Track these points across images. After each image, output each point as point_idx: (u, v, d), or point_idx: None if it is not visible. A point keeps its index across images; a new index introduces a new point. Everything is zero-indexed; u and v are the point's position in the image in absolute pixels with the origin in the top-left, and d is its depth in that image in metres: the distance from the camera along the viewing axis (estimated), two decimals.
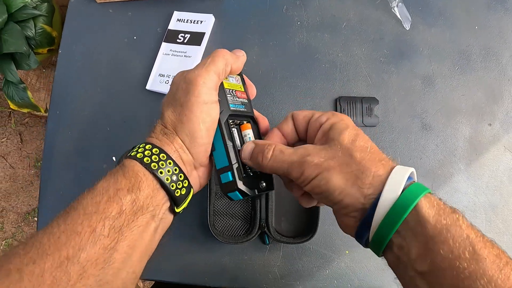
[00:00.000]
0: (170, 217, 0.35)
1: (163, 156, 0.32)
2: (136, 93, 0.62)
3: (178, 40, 0.63)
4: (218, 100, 0.35)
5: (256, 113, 0.41)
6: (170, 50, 0.62)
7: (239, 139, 0.37)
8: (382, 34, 0.64)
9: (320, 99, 0.61)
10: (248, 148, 0.36)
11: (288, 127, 0.37)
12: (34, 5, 0.96)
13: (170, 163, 0.32)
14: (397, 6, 0.64)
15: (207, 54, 0.62)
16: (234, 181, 0.35)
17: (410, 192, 0.28)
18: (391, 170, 0.30)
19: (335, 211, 0.34)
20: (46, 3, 0.99)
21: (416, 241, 0.28)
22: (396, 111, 0.60)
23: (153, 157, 0.32)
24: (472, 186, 0.57)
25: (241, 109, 0.38)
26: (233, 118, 0.37)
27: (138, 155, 0.32)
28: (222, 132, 0.35)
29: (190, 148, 0.33)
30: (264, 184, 0.38)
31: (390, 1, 0.64)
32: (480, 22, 0.65)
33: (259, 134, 0.40)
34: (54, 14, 1.04)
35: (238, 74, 0.40)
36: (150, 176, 0.31)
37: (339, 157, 0.31)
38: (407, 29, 0.64)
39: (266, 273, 0.54)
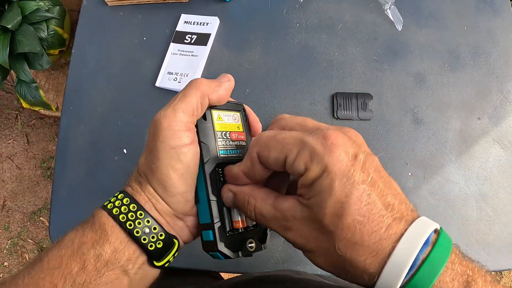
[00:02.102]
0: (152, 271, 0.30)
1: (134, 207, 0.28)
2: (146, 90, 0.66)
3: (185, 41, 0.67)
4: (202, 144, 0.30)
5: (250, 113, 0.35)
6: (178, 50, 0.66)
7: None
8: (376, 35, 0.67)
9: (318, 95, 0.64)
10: (228, 197, 0.30)
11: (260, 173, 0.28)
12: (47, 8, 1.00)
13: (141, 215, 0.28)
14: (389, 8, 0.67)
15: (212, 54, 0.67)
16: (215, 242, 0.29)
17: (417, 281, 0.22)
18: (385, 261, 0.23)
19: None
20: (58, 7, 1.03)
21: None
22: (390, 106, 0.63)
23: (122, 208, 0.28)
24: (462, 176, 0.60)
25: (235, 155, 0.32)
26: (224, 166, 0.31)
27: (108, 205, 0.29)
28: (206, 185, 0.30)
29: (164, 198, 0.29)
30: (253, 244, 0.31)
31: (383, 3, 0.68)
32: (469, 23, 0.68)
33: None
34: (65, 17, 1.08)
35: (237, 110, 0.34)
36: (117, 229, 0.28)
37: (322, 242, 0.25)
38: (400, 30, 0.67)
39: (268, 258, 0.56)
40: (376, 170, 0.25)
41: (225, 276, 0.80)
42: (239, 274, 0.56)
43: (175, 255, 0.31)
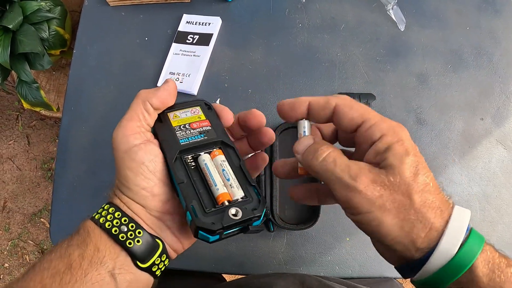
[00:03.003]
0: (144, 277, 0.31)
1: (112, 210, 0.31)
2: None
3: (187, 41, 0.66)
4: (161, 140, 0.33)
5: (216, 105, 0.36)
6: (180, 50, 0.66)
7: (204, 170, 0.32)
8: (378, 35, 0.67)
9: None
10: (304, 142, 0.31)
11: (323, 114, 0.30)
12: (48, 8, 1.00)
13: (118, 215, 0.30)
14: (392, 8, 0.67)
15: (215, 54, 0.66)
16: (193, 221, 0.29)
17: (466, 251, 0.26)
18: (448, 220, 0.26)
19: (377, 244, 0.30)
20: (59, 7, 1.03)
21: None
22: (393, 106, 0.63)
23: (103, 212, 0.31)
24: (466, 177, 0.60)
25: (199, 139, 0.33)
26: (192, 152, 0.33)
27: (94, 214, 0.31)
28: (174, 172, 0.31)
29: (132, 198, 0.31)
30: (237, 213, 0.30)
31: (385, 4, 0.68)
32: (471, 23, 0.68)
33: (238, 155, 0.34)
34: (66, 18, 1.08)
35: (196, 105, 0.36)
36: (98, 230, 0.30)
37: (398, 196, 0.26)
38: (402, 30, 0.67)
39: (270, 259, 0.56)
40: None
41: (228, 278, 0.79)
42: (242, 276, 0.56)
43: (163, 259, 0.32)
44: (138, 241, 0.30)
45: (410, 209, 0.26)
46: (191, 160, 0.33)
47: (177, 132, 0.34)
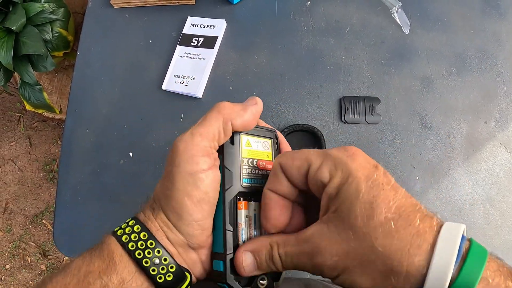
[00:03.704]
0: None
1: (144, 235, 0.27)
2: (152, 92, 0.66)
3: (192, 44, 0.66)
4: (226, 169, 0.29)
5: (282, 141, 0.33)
6: (185, 52, 0.66)
7: (250, 221, 0.30)
8: (383, 38, 0.67)
9: (326, 98, 0.64)
10: (248, 261, 0.28)
11: (283, 186, 0.28)
12: (51, 10, 1.00)
13: (151, 244, 0.27)
14: (396, 12, 0.67)
15: (219, 57, 0.67)
16: (225, 273, 0.28)
17: (461, 284, 0.22)
18: (431, 251, 0.22)
19: None
20: (62, 8, 1.03)
21: None
22: (397, 109, 0.63)
23: (132, 235, 0.27)
24: (470, 180, 0.60)
25: (259, 185, 0.30)
26: (245, 196, 0.30)
27: (118, 232, 0.28)
28: (224, 213, 0.29)
29: (178, 227, 0.28)
30: (264, 281, 0.30)
31: (390, 7, 0.68)
32: (476, 27, 0.68)
33: None
34: (69, 19, 1.08)
35: (269, 137, 0.33)
36: (126, 258, 0.27)
37: (357, 251, 0.24)
38: (406, 33, 0.67)
39: None
40: (391, 178, 0.25)
41: None
42: None
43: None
44: (169, 276, 0.27)
45: (376, 260, 0.23)
46: (241, 205, 0.30)
47: (243, 167, 0.30)
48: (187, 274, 0.28)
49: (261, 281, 0.29)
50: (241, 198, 0.30)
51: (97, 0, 0.73)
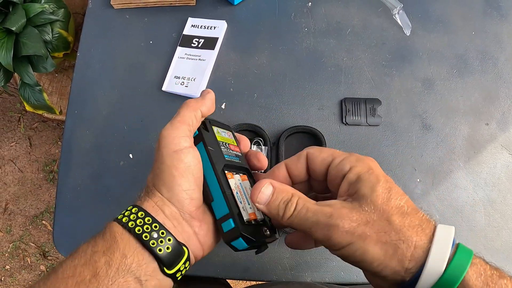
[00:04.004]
0: (166, 282, 0.31)
1: (142, 214, 0.31)
2: (153, 94, 0.65)
3: (192, 45, 0.66)
4: (210, 149, 0.35)
5: (237, 135, 0.41)
6: (185, 54, 0.66)
7: (239, 188, 0.36)
8: (384, 40, 0.67)
9: (327, 100, 0.64)
10: (265, 192, 0.31)
11: (299, 167, 0.34)
12: (51, 10, 0.99)
13: (149, 221, 0.30)
14: (398, 13, 0.67)
15: (220, 58, 0.66)
16: (237, 227, 0.32)
17: (455, 266, 0.25)
18: (432, 237, 0.26)
19: (367, 274, 0.30)
20: (62, 9, 1.03)
21: None
22: (398, 111, 0.63)
23: (131, 216, 0.30)
24: (471, 182, 0.60)
25: (236, 161, 0.37)
26: (228, 169, 0.36)
27: (119, 216, 0.31)
28: (219, 180, 0.34)
29: (169, 198, 0.32)
30: (267, 232, 0.34)
31: (391, 8, 0.68)
32: (477, 28, 0.68)
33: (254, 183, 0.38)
34: (69, 20, 1.08)
35: (229, 130, 0.41)
36: (127, 235, 0.29)
37: (375, 222, 0.27)
38: (408, 34, 0.67)
39: (276, 264, 0.56)
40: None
41: (231, 283, 0.79)
42: (246, 282, 0.56)
43: (187, 265, 0.32)
44: (167, 248, 0.30)
45: (391, 231, 0.26)
46: (230, 175, 0.36)
47: (221, 147, 0.37)
48: (184, 248, 0.32)
49: (265, 232, 0.34)
50: (227, 171, 0.36)
51: (97, 1, 0.73)
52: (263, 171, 0.41)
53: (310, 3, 0.70)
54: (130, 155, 0.63)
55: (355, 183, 0.29)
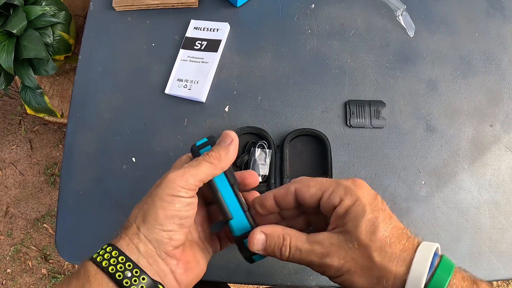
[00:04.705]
0: None
1: (116, 253, 0.31)
2: (155, 97, 0.65)
3: (195, 47, 0.66)
4: (227, 170, 0.35)
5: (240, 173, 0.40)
6: (188, 56, 0.65)
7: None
8: (388, 41, 0.67)
9: (331, 102, 0.63)
10: (259, 240, 0.34)
11: (286, 201, 0.35)
12: (52, 13, 0.99)
13: (122, 259, 0.30)
14: (401, 14, 0.67)
15: (223, 60, 0.66)
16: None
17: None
18: (411, 265, 0.29)
19: None
20: (63, 12, 1.02)
21: None
22: (402, 113, 0.63)
23: (106, 255, 0.31)
24: (475, 184, 0.59)
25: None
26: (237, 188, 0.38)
27: (94, 255, 0.31)
28: (238, 199, 0.35)
29: (147, 236, 0.32)
30: None
31: (395, 10, 0.67)
32: (480, 29, 0.68)
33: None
34: (71, 23, 1.08)
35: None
36: (100, 275, 0.30)
37: (359, 258, 0.30)
38: (411, 36, 0.67)
39: (280, 268, 0.56)
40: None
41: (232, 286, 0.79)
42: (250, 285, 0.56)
43: None
44: (141, 287, 0.30)
45: (372, 267, 0.30)
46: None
47: (231, 167, 0.37)
48: (160, 287, 0.32)
49: None
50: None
51: (99, 3, 0.73)
52: (255, 187, 0.41)
53: (313, 5, 0.69)
54: (133, 159, 0.62)
55: (343, 217, 0.31)
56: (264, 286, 0.56)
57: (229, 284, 0.71)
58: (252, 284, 0.57)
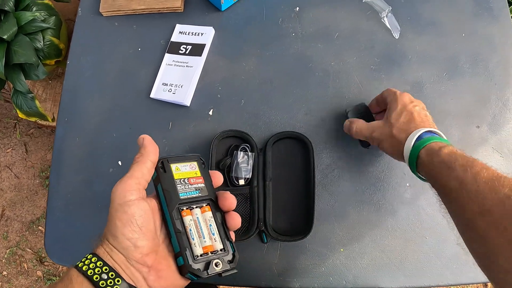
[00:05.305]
0: None
1: (95, 259, 0.34)
2: (141, 101, 0.65)
3: (180, 51, 0.66)
4: (165, 191, 0.38)
5: (211, 172, 0.43)
6: (173, 60, 0.66)
7: (195, 223, 0.39)
8: (373, 43, 0.67)
9: (315, 105, 0.63)
10: (345, 125, 0.58)
11: (380, 100, 0.57)
12: (43, 18, 1.00)
13: (100, 264, 0.34)
14: (386, 16, 0.67)
15: (208, 64, 0.66)
16: (185, 265, 0.37)
17: (415, 147, 0.47)
18: (408, 136, 0.48)
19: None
20: (53, 17, 1.03)
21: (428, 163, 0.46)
22: None
23: (86, 261, 0.34)
24: None
25: (195, 195, 0.40)
26: (185, 206, 0.39)
27: (78, 263, 0.35)
28: (172, 221, 0.38)
29: (116, 246, 0.35)
30: (219, 265, 0.38)
31: (380, 11, 0.67)
32: (467, 30, 0.67)
33: (220, 211, 0.41)
34: (61, 27, 1.08)
35: (194, 160, 0.42)
36: (81, 278, 0.33)
37: (388, 133, 0.50)
38: (397, 38, 0.67)
39: (264, 270, 0.56)
40: (419, 110, 0.52)
41: None
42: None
43: None
44: None
45: (392, 138, 0.50)
46: (185, 212, 0.39)
47: (177, 185, 0.39)
48: None
49: (215, 266, 0.37)
50: (184, 208, 0.39)
51: (87, 8, 0.73)
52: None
53: (297, 8, 0.69)
54: (119, 162, 0.63)
55: (387, 110, 0.53)
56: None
57: (218, 286, 0.71)
58: (237, 286, 0.57)
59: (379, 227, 0.57)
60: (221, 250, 0.39)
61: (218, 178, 0.43)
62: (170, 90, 0.63)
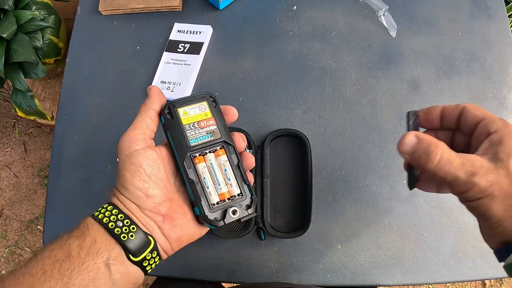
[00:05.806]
0: (134, 270, 0.34)
1: (110, 208, 0.34)
2: (140, 99, 0.65)
3: (178, 50, 0.66)
4: (174, 139, 0.36)
5: (222, 108, 0.40)
6: (171, 59, 0.66)
7: (209, 170, 0.37)
8: (370, 42, 0.67)
9: (312, 103, 0.64)
10: (410, 142, 0.34)
11: (453, 114, 0.36)
12: (42, 17, 1.00)
13: (115, 212, 0.34)
14: (383, 15, 0.67)
15: (206, 63, 0.67)
16: (201, 215, 0.36)
17: None
18: None
19: (482, 227, 0.34)
20: (53, 16, 1.03)
21: None
22: (384, 113, 0.63)
23: (102, 210, 0.35)
24: None
25: (207, 139, 0.37)
26: (197, 153, 0.37)
27: (94, 212, 0.35)
28: (184, 171, 0.36)
29: (128, 197, 0.35)
30: (237, 212, 0.37)
31: (377, 10, 0.68)
32: (464, 29, 0.68)
33: (237, 154, 0.38)
34: (61, 26, 1.09)
35: (203, 100, 0.39)
36: (97, 225, 0.33)
37: (505, 185, 0.31)
38: (393, 36, 0.67)
39: (262, 267, 0.56)
40: None
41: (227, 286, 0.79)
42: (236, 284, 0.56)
43: (154, 255, 0.35)
44: (131, 236, 0.33)
45: None
46: (199, 158, 0.37)
47: (187, 132, 0.37)
48: (151, 238, 0.35)
49: (231, 214, 0.36)
50: (197, 155, 0.37)
51: (86, 7, 0.74)
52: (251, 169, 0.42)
53: (295, 7, 0.70)
54: (118, 160, 0.62)
55: (496, 145, 0.32)
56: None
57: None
58: (234, 282, 0.57)
59: (376, 224, 0.58)
60: (238, 195, 0.37)
61: (232, 113, 0.40)
62: (168, 88, 0.64)
